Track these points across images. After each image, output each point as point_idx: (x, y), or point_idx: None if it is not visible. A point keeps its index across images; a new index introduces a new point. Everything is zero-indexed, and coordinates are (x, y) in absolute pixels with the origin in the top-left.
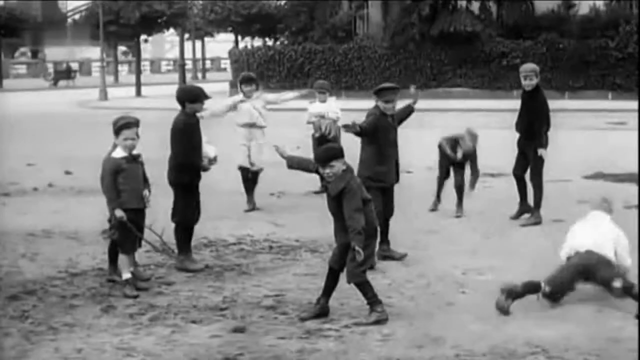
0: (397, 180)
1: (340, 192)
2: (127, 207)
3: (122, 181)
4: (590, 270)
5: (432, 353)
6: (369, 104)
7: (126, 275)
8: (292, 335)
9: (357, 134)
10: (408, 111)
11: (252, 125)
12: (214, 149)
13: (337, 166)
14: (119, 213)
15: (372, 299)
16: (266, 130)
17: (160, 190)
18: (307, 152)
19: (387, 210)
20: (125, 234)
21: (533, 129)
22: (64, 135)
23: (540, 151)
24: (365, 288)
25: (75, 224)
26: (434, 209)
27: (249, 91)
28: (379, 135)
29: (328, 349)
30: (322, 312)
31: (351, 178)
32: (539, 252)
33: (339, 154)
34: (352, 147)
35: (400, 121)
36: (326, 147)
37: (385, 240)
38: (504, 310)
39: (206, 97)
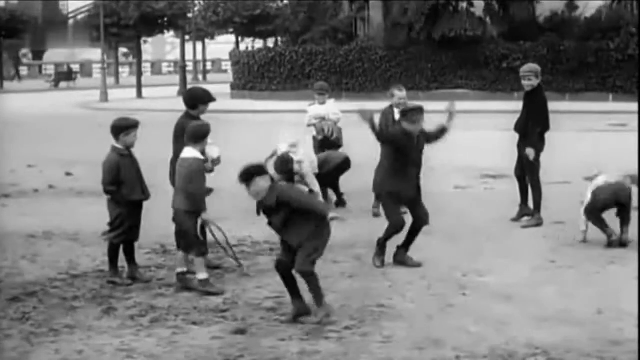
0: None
1: (277, 202)
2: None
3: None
4: (622, 198)
5: (432, 355)
6: (369, 105)
7: (203, 275)
8: (292, 337)
9: (373, 129)
10: (442, 133)
11: None
12: (217, 150)
13: (261, 184)
14: (206, 216)
15: (317, 292)
16: (268, 132)
17: (160, 191)
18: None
19: (417, 220)
20: (196, 235)
21: (528, 130)
22: (64, 137)
23: (528, 151)
24: (311, 280)
25: (76, 225)
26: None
27: None
28: (399, 155)
29: (329, 350)
30: (300, 313)
31: (279, 187)
32: (540, 254)
33: (259, 172)
34: (352, 146)
35: (431, 140)
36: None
37: (407, 247)
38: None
39: (209, 100)
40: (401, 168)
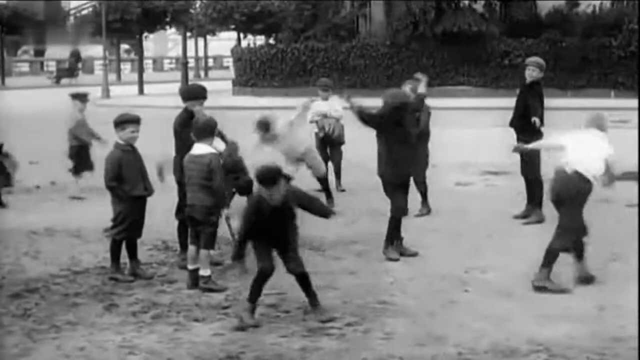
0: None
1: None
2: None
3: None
4: None
5: (434, 351)
6: (371, 102)
7: (208, 271)
8: (294, 334)
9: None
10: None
11: None
12: (222, 144)
13: (282, 187)
14: (228, 212)
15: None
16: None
17: (162, 187)
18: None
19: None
20: (215, 231)
21: (525, 123)
22: (66, 133)
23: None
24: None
25: (78, 222)
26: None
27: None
28: (396, 128)
29: (330, 347)
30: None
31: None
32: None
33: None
34: (355, 144)
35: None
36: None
37: (398, 236)
38: None
39: (204, 96)
40: (398, 142)
